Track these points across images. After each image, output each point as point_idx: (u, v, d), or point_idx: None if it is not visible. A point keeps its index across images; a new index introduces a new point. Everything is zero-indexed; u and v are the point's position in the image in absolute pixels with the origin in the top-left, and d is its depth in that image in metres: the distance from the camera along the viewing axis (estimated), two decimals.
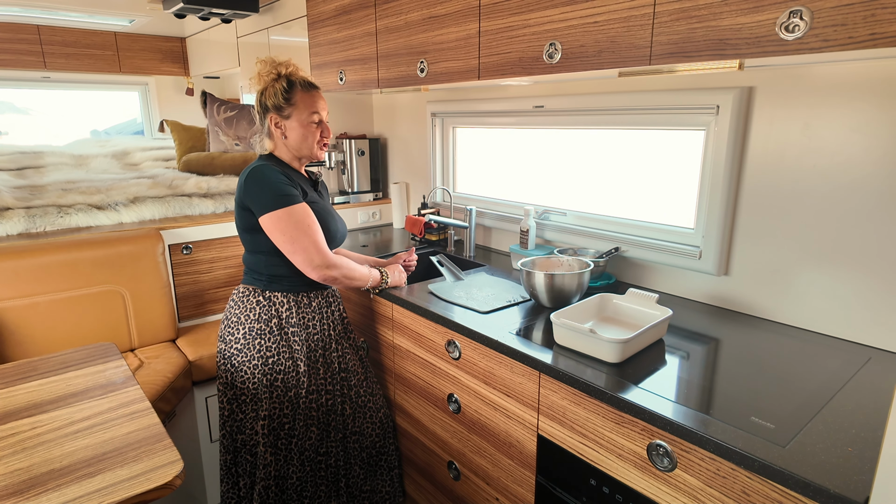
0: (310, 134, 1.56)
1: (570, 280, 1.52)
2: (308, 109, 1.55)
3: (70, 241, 1.91)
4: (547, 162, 2.08)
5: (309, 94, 1.56)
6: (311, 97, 1.56)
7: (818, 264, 1.35)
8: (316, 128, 1.57)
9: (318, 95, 1.59)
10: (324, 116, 1.59)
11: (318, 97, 1.58)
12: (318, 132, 1.58)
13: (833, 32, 0.95)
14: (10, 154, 3.03)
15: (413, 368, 1.73)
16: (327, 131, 1.60)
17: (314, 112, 1.56)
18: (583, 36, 1.36)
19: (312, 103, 1.56)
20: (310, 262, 1.48)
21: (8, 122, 4.25)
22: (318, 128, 1.58)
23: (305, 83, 1.57)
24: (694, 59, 1.15)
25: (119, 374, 1.29)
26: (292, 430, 1.60)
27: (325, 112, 1.59)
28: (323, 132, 1.59)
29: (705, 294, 1.59)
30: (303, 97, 1.55)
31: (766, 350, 1.27)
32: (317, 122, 1.57)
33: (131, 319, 2.02)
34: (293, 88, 1.55)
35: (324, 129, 1.59)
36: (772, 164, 1.39)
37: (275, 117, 1.56)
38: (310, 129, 1.56)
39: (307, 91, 1.56)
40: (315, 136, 1.57)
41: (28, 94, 4.19)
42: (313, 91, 1.58)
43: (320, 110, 1.57)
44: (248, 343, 1.55)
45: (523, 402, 1.32)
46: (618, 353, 1.19)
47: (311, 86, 1.58)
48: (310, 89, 1.57)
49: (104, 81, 4.27)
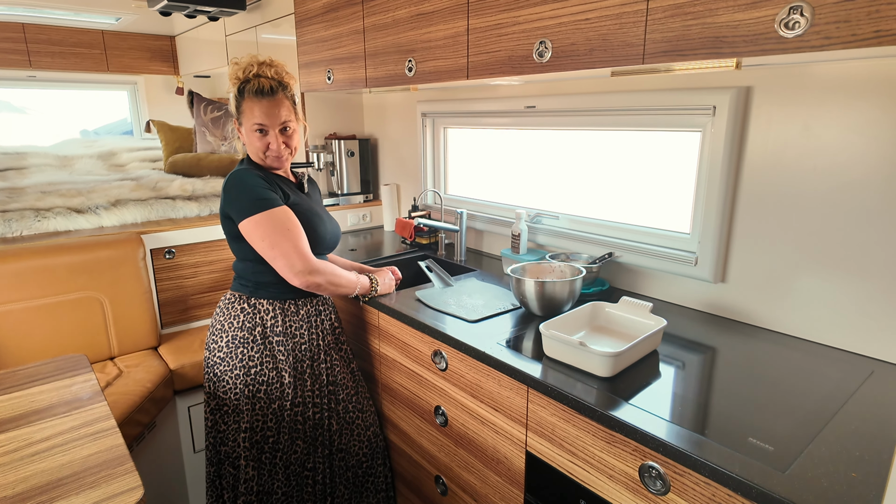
0: (252, 142, 1.47)
1: (562, 287, 1.46)
2: (251, 119, 1.45)
3: (46, 247, 1.84)
4: (540, 164, 2.02)
5: (256, 102, 1.44)
6: (253, 104, 1.44)
7: (818, 271, 1.29)
8: (258, 137, 1.46)
9: (268, 103, 1.44)
10: (272, 127, 1.45)
11: (264, 104, 1.44)
12: (261, 143, 1.46)
13: (835, 30, 0.89)
14: None
15: (400, 379, 1.67)
16: (276, 142, 1.46)
17: (256, 122, 1.45)
18: (574, 34, 1.30)
19: (253, 111, 1.45)
20: (291, 268, 1.42)
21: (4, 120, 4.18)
22: (262, 138, 1.46)
23: (255, 90, 1.44)
24: (689, 57, 1.10)
25: (87, 388, 1.23)
26: (277, 443, 1.54)
27: (272, 120, 1.44)
28: (270, 143, 1.46)
29: (702, 302, 1.53)
30: (248, 105, 1.45)
31: (764, 362, 1.21)
32: (261, 131, 1.45)
33: (110, 327, 1.95)
34: (242, 95, 1.46)
35: (271, 140, 1.46)
36: (770, 166, 1.34)
37: (235, 122, 1.52)
38: (252, 137, 1.47)
39: (253, 98, 1.44)
40: (256, 146, 1.47)
41: (24, 92, 4.13)
42: (262, 99, 1.44)
43: (262, 119, 1.44)
44: (230, 352, 1.49)
45: (511, 417, 1.27)
46: (609, 367, 1.13)
47: (260, 93, 1.44)
48: (258, 97, 1.44)
49: (92, 81, 4.19)
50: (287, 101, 1.49)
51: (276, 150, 1.47)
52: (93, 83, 4.24)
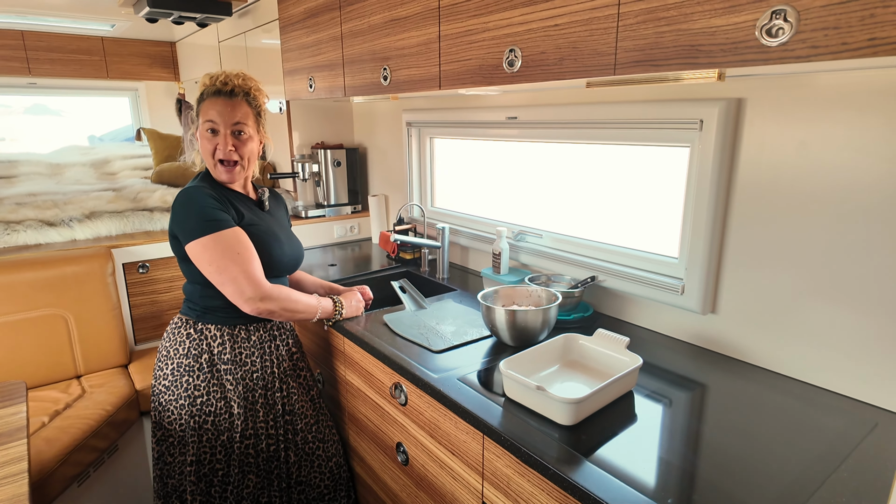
0: (203, 145, 1.36)
1: (534, 316, 1.34)
2: (203, 117, 1.35)
3: (8, 262, 1.78)
4: (525, 179, 1.90)
5: (210, 101, 1.34)
6: (209, 103, 1.34)
7: (818, 305, 1.15)
8: (208, 138, 1.35)
9: (222, 102, 1.34)
10: (222, 126, 1.33)
11: (220, 103, 1.34)
12: (210, 144, 1.35)
13: (824, 37, 0.76)
14: None
15: (364, 409, 1.56)
16: (224, 143, 1.34)
17: (207, 120, 1.34)
18: (543, 41, 1.18)
19: (207, 109, 1.34)
20: (241, 295, 1.32)
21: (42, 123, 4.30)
22: (212, 138, 1.34)
23: (214, 90, 1.35)
24: (662, 67, 0.97)
25: (14, 422, 1.15)
26: (227, 476, 1.45)
27: (226, 120, 1.33)
28: (218, 144, 1.34)
29: (690, 333, 1.39)
30: (205, 106, 1.35)
31: (755, 408, 1.07)
32: (212, 130, 1.34)
33: (76, 345, 1.89)
34: (202, 98, 1.37)
35: (219, 141, 1.34)
36: (764, 187, 1.20)
37: (193, 129, 1.42)
38: (203, 139, 1.36)
39: (211, 98, 1.35)
40: (206, 148, 1.35)
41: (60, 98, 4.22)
42: (216, 98, 1.34)
43: (214, 117, 1.33)
44: (175, 380, 1.40)
45: (468, 463, 1.15)
46: (570, 414, 1.01)
47: (217, 92, 1.35)
48: (213, 96, 1.34)
49: (92, 87, 4.19)
50: (247, 107, 1.38)
51: (224, 152, 1.35)
52: (94, 90, 4.24)
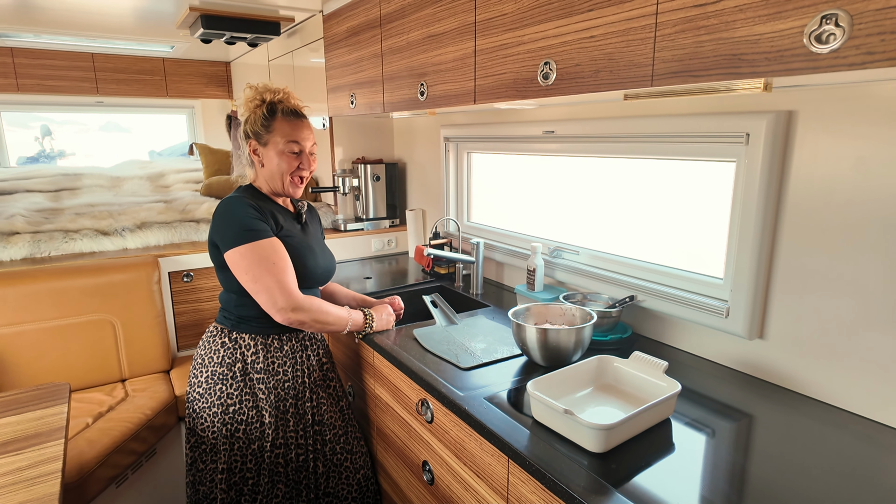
0: (284, 163, 1.43)
1: (567, 336, 1.29)
2: (286, 138, 1.43)
3: (61, 269, 1.88)
4: (562, 194, 1.85)
5: (289, 122, 1.44)
6: (291, 125, 1.44)
7: (878, 333, 1.05)
8: (293, 158, 1.44)
9: (302, 125, 1.46)
10: (306, 147, 1.46)
11: (300, 126, 1.45)
12: (294, 163, 1.44)
13: (881, 43, 0.70)
14: (52, 176, 3.15)
15: (392, 425, 1.54)
16: (307, 163, 1.46)
17: (292, 141, 1.43)
18: (578, 53, 1.15)
19: (291, 132, 1.44)
20: (273, 304, 1.34)
21: (113, 139, 4.66)
22: (297, 159, 1.44)
23: (288, 111, 1.45)
24: (702, 78, 0.93)
25: (54, 422, 1.19)
26: (256, 485, 1.45)
27: (308, 143, 1.46)
28: (301, 163, 1.45)
29: (735, 359, 1.31)
30: (282, 124, 1.43)
31: (807, 443, 0.99)
32: (295, 151, 1.44)
33: (122, 349, 1.96)
34: (273, 115, 1.43)
35: (303, 161, 1.45)
36: (817, 205, 1.12)
37: (253, 143, 1.46)
38: (284, 157, 1.43)
39: (288, 118, 1.44)
40: (291, 167, 1.44)
41: (129, 116, 4.57)
42: (296, 120, 1.45)
43: (301, 140, 1.44)
44: (209, 388, 1.43)
45: (492, 487, 1.11)
46: (600, 441, 0.95)
47: (294, 114, 1.46)
48: (292, 118, 1.45)
49: (152, 105, 4.43)
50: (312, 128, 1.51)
51: (308, 171, 1.47)
52: (154, 108, 4.49)
